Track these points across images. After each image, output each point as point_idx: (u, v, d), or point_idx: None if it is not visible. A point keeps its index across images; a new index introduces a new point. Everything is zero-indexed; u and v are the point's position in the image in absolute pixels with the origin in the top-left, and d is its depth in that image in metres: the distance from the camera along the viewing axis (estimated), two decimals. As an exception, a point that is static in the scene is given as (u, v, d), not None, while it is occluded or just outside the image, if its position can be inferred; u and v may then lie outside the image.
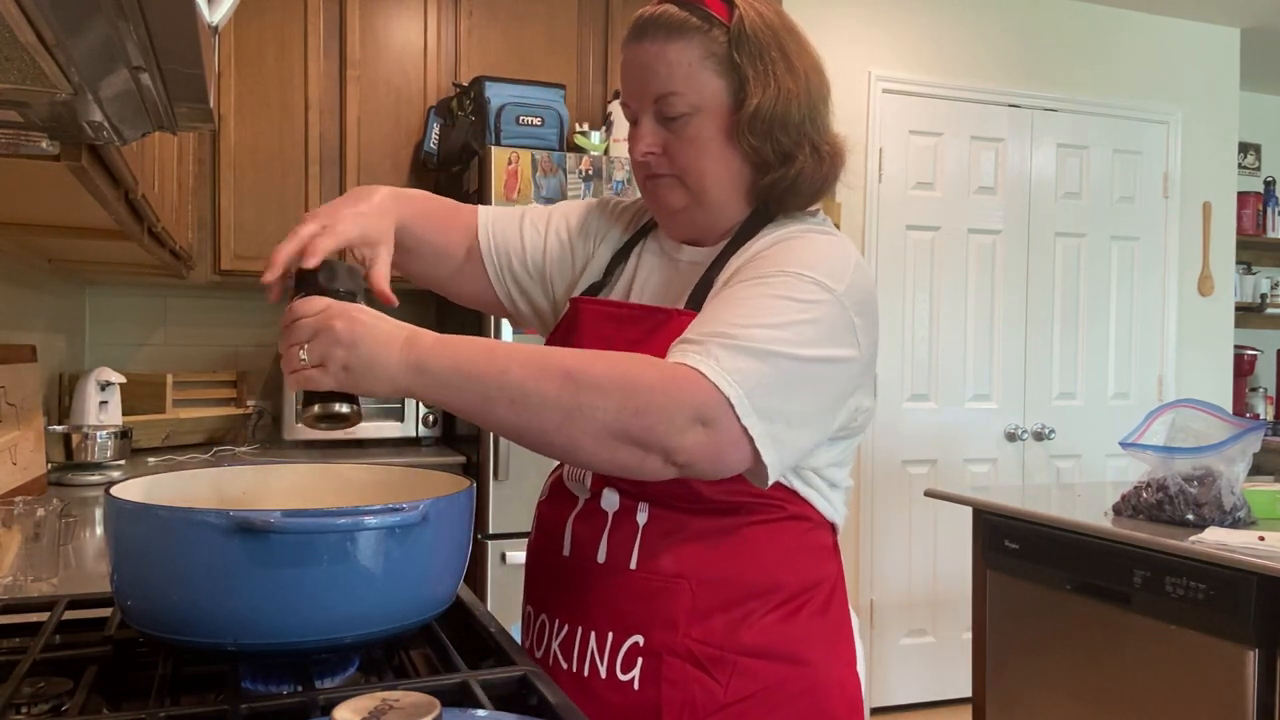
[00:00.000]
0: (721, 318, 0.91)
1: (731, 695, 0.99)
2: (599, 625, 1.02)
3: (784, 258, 0.97)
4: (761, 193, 1.04)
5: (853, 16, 3.50)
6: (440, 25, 3.25)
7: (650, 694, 0.99)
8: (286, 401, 3.09)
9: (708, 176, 1.03)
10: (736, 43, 1.00)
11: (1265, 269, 4.91)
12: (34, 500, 1.38)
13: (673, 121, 1.01)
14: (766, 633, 1.01)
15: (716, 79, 1.00)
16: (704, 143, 1.01)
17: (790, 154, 1.01)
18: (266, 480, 1.06)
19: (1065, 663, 2.15)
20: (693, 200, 1.04)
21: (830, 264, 0.97)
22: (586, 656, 1.02)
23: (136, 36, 0.71)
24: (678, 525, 1.01)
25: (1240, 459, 1.95)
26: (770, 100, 0.99)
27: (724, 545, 1.01)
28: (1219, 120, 4.04)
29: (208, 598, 0.78)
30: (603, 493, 1.04)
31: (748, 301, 0.92)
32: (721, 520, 1.01)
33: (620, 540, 1.02)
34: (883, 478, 3.56)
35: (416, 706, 0.60)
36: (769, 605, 1.01)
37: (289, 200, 3.12)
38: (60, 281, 2.79)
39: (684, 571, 1.00)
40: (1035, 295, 3.78)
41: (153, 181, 1.70)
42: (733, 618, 1.00)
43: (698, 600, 0.99)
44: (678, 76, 1.00)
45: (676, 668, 0.98)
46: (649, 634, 0.99)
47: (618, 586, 1.01)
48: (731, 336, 0.89)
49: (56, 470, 2.35)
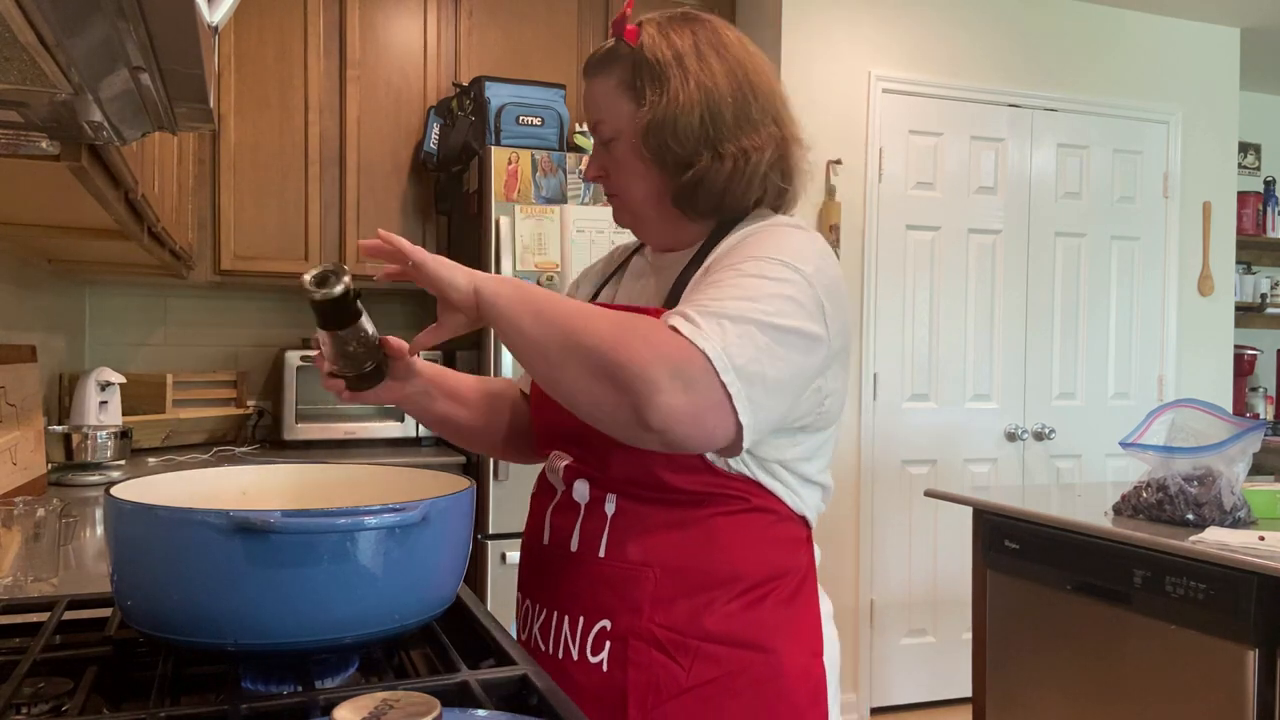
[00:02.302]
0: (697, 298, 0.96)
1: (694, 679, 1.03)
2: (572, 610, 1.08)
3: (754, 247, 1.02)
4: (681, 201, 1.10)
5: (853, 16, 3.50)
6: (440, 25, 3.25)
7: (617, 676, 1.04)
8: (286, 402, 3.09)
9: (632, 192, 1.12)
10: (637, 69, 1.08)
11: (1265, 269, 4.91)
12: (34, 500, 1.38)
13: (606, 146, 1.12)
14: (729, 620, 1.04)
15: (628, 103, 1.09)
16: (625, 162, 1.11)
17: (687, 161, 1.07)
18: (266, 480, 1.06)
19: (1065, 663, 2.15)
20: (632, 216, 1.15)
21: (798, 250, 1.02)
22: (561, 640, 1.08)
23: (136, 36, 0.71)
24: (644, 516, 1.06)
25: (1240, 459, 1.95)
26: (660, 113, 1.06)
27: (688, 535, 1.05)
28: (1219, 120, 4.04)
29: (208, 598, 0.78)
30: (574, 485, 1.10)
31: (722, 285, 0.97)
32: (686, 511, 1.05)
33: (591, 530, 1.08)
34: (883, 478, 3.56)
35: (416, 706, 0.60)
36: (731, 593, 1.05)
37: (289, 200, 3.12)
38: (60, 281, 2.80)
39: (649, 559, 1.04)
40: (1035, 295, 3.78)
41: (153, 181, 1.70)
42: (696, 604, 1.04)
43: (661, 587, 1.04)
44: (602, 105, 1.11)
45: (641, 651, 1.03)
46: (616, 618, 1.05)
47: (588, 573, 1.07)
48: (708, 307, 0.93)
49: (57, 470, 2.35)
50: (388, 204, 3.23)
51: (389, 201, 3.23)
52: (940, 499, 2.50)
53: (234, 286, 3.32)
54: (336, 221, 3.18)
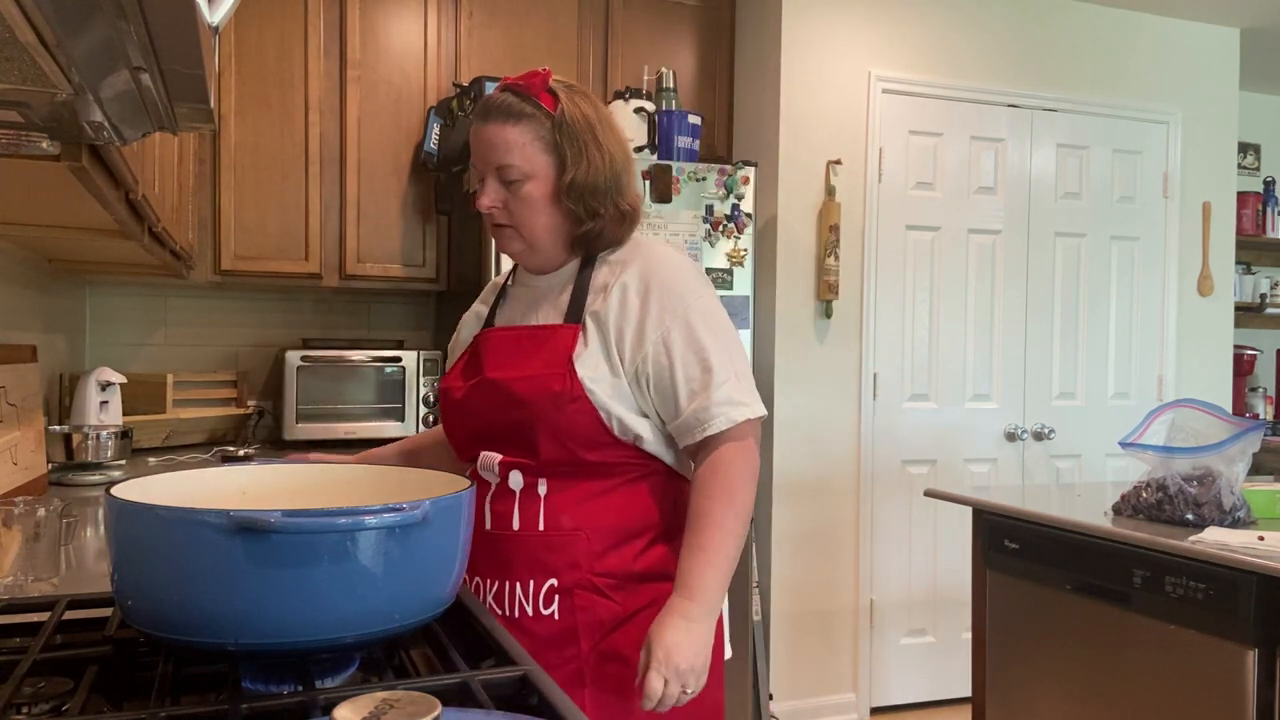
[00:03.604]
0: (703, 379, 1.31)
1: (628, 609, 1.32)
2: (522, 577, 1.32)
3: (669, 292, 1.33)
4: (577, 240, 1.38)
5: (853, 16, 3.50)
6: (440, 25, 3.25)
7: (568, 620, 1.31)
8: (286, 402, 3.10)
9: (538, 228, 1.36)
10: (559, 129, 1.33)
11: (1265, 269, 4.91)
12: (34, 500, 1.38)
13: (510, 184, 1.34)
14: (646, 560, 1.35)
15: (543, 155, 1.33)
16: (534, 202, 1.34)
17: (597, 212, 1.35)
18: (266, 480, 1.06)
19: (1065, 663, 2.15)
20: (526, 246, 1.38)
21: (690, 270, 1.38)
22: (515, 602, 1.32)
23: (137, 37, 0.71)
24: (570, 490, 1.33)
25: (1240, 459, 1.95)
26: (583, 174, 1.33)
27: (607, 500, 1.33)
28: (1219, 120, 4.04)
29: (208, 597, 0.78)
30: (510, 475, 1.34)
31: (703, 352, 1.32)
32: (603, 482, 1.34)
33: (529, 510, 1.33)
34: (883, 478, 3.56)
35: (416, 706, 0.60)
36: (645, 540, 1.35)
37: (289, 200, 3.12)
38: (61, 281, 2.80)
39: (580, 525, 1.32)
40: (1035, 295, 3.78)
41: (153, 181, 1.70)
42: (621, 553, 1.33)
43: (593, 545, 1.32)
44: (514, 151, 1.32)
45: (584, 598, 1.31)
46: (560, 576, 1.31)
47: (532, 545, 1.32)
48: (722, 389, 1.31)
49: (57, 470, 2.35)
50: (388, 204, 3.23)
51: (389, 201, 3.23)
52: (940, 499, 2.50)
53: (234, 286, 3.32)
54: (336, 221, 3.18)
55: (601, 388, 1.30)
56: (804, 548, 3.41)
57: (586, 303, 1.35)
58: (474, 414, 1.37)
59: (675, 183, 3.05)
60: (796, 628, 3.43)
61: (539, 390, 1.29)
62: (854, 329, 3.50)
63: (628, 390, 1.32)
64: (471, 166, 1.39)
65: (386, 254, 3.24)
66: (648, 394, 1.33)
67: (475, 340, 1.45)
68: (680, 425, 1.32)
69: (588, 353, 1.31)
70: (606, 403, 1.30)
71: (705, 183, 3.09)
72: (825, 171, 3.43)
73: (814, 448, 3.45)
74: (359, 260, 3.20)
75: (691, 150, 3.17)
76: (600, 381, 1.30)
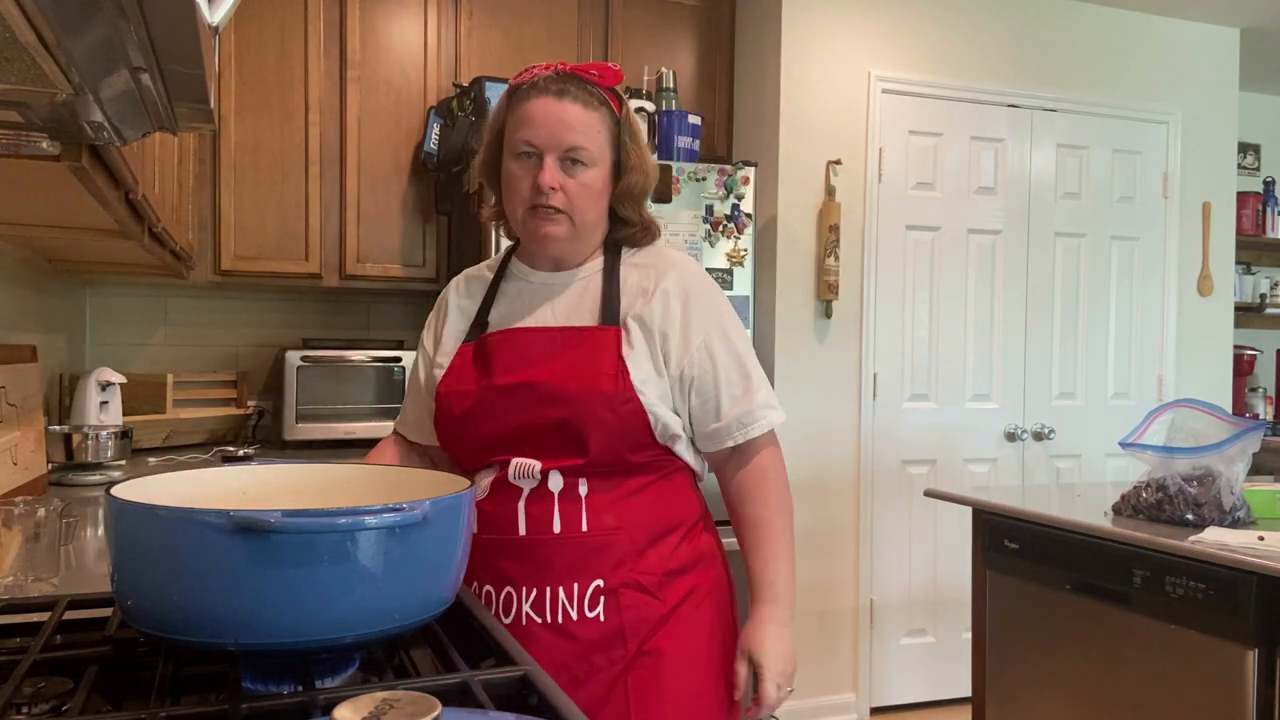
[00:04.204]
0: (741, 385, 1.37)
1: (669, 605, 1.33)
2: (565, 580, 1.30)
3: (706, 300, 1.37)
4: (615, 239, 1.41)
5: (852, 16, 3.50)
6: (440, 25, 3.25)
7: (614, 621, 1.30)
8: (286, 402, 3.10)
9: (590, 218, 1.35)
10: (623, 127, 1.36)
11: (1265, 269, 4.91)
12: (34, 500, 1.38)
13: (573, 167, 1.31)
14: (683, 554, 1.36)
15: (608, 148, 1.34)
16: (594, 191, 1.33)
17: (642, 217, 1.40)
18: (266, 480, 1.06)
19: (1065, 663, 2.15)
20: (572, 232, 1.34)
21: (709, 280, 1.42)
22: (559, 608, 1.30)
23: (137, 37, 0.71)
24: (611, 489, 1.32)
25: (1240, 459, 1.95)
26: (640, 177, 1.37)
27: (645, 497, 1.34)
28: (1218, 120, 4.04)
29: (208, 597, 0.78)
30: (549, 476, 1.31)
31: (736, 357, 1.37)
32: (639, 479, 1.34)
33: (570, 511, 1.31)
34: (883, 478, 3.56)
35: (416, 706, 0.60)
36: (678, 536, 1.36)
37: (289, 200, 3.12)
38: (61, 281, 2.80)
39: (622, 523, 1.32)
40: (1035, 295, 3.78)
41: (153, 181, 1.70)
42: (659, 550, 1.34)
43: (635, 542, 1.32)
44: (590, 136, 1.31)
45: (630, 596, 1.31)
46: (606, 576, 1.30)
47: (574, 546, 1.30)
48: (757, 396, 1.37)
49: (57, 470, 2.35)
50: (388, 204, 3.23)
51: (389, 202, 3.23)
52: (940, 499, 2.50)
53: (234, 287, 3.32)
54: (336, 222, 3.18)
55: (650, 389, 1.31)
56: (804, 547, 3.41)
57: (623, 306, 1.35)
58: (500, 417, 1.32)
59: (675, 183, 3.05)
60: (796, 627, 3.41)
61: (591, 391, 1.28)
62: (854, 329, 3.50)
63: (669, 393, 1.34)
64: (513, 140, 1.33)
65: (386, 254, 3.24)
66: (688, 397, 1.35)
67: (484, 342, 1.38)
68: (719, 429, 1.35)
69: (634, 355, 1.31)
70: (654, 404, 1.31)
71: (705, 183, 3.09)
72: (825, 171, 3.43)
73: (814, 448, 3.45)
74: (359, 260, 3.20)
75: (691, 150, 3.17)
76: (648, 383, 1.31)
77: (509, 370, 1.33)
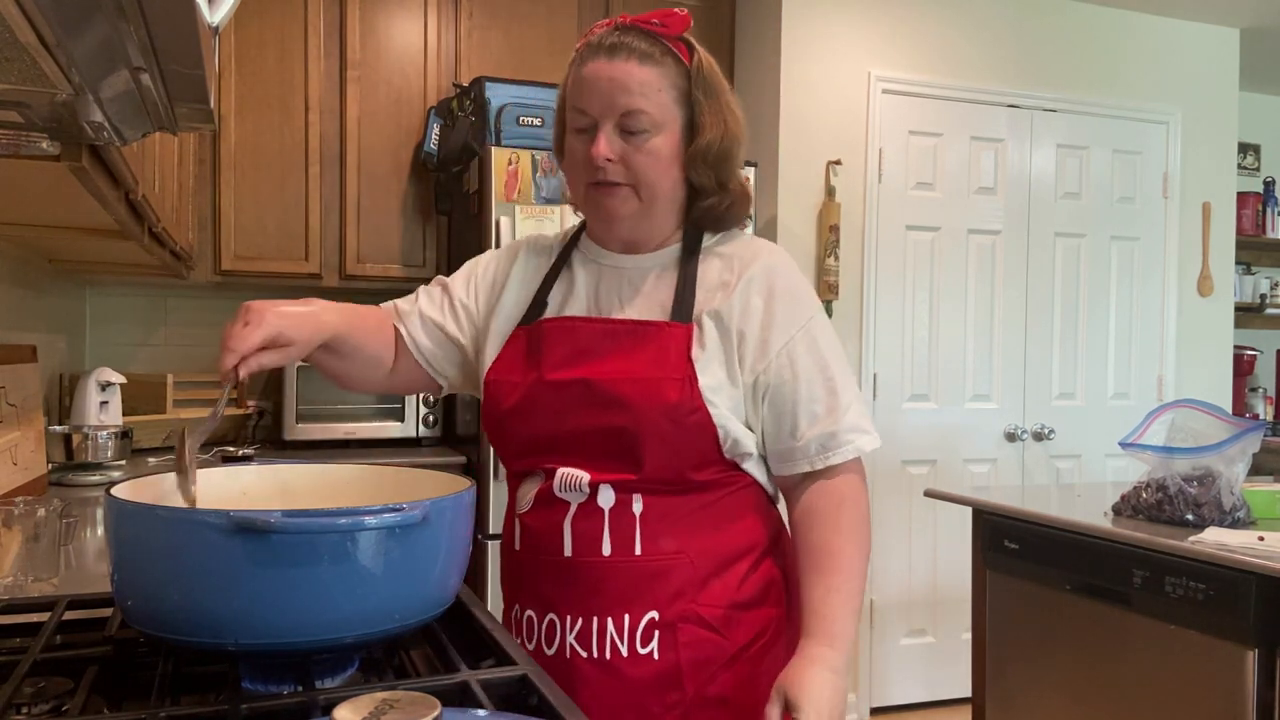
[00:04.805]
0: (828, 405, 1.16)
1: (735, 645, 1.15)
2: (615, 611, 1.13)
3: (793, 297, 1.20)
4: (697, 214, 1.20)
5: (853, 16, 3.50)
6: (440, 25, 3.25)
7: (670, 660, 1.12)
8: (287, 402, 3.10)
9: (658, 189, 1.16)
10: (696, 81, 1.16)
11: (1265, 269, 4.91)
12: (34, 500, 1.38)
13: (633, 135, 1.14)
14: (753, 585, 1.17)
15: (676, 106, 1.16)
16: (660, 158, 1.15)
17: (726, 185, 1.20)
18: (266, 480, 1.06)
19: (1065, 663, 2.15)
20: (640, 209, 1.17)
21: (802, 277, 1.24)
22: (606, 641, 1.13)
23: (137, 37, 0.71)
24: (670, 508, 1.14)
25: (1240, 459, 1.95)
26: (719, 137, 1.17)
27: (708, 518, 1.15)
28: (1218, 120, 4.04)
29: (208, 598, 0.78)
30: (599, 490, 1.13)
31: (822, 369, 1.17)
32: (703, 496, 1.15)
33: (622, 531, 1.13)
34: (883, 478, 3.56)
35: (416, 706, 0.60)
36: (748, 563, 1.17)
37: (289, 200, 3.12)
38: (61, 282, 2.80)
39: (683, 547, 1.14)
40: (1035, 295, 3.78)
41: (153, 182, 1.70)
42: (725, 579, 1.15)
43: (697, 569, 1.14)
44: (649, 96, 1.13)
45: (690, 632, 1.13)
46: (662, 608, 1.12)
47: (627, 572, 1.12)
48: (845, 418, 1.16)
49: (57, 470, 2.34)
50: (388, 204, 3.23)
51: (389, 202, 3.23)
52: (940, 499, 2.50)
53: (234, 287, 3.32)
54: (336, 222, 3.18)
55: (721, 399, 1.13)
56: (804, 548, 3.41)
57: (698, 299, 1.17)
58: (548, 417, 1.15)
59: (675, 183, 3.04)
60: (796, 628, 3.42)
61: (651, 398, 1.10)
62: (854, 329, 3.50)
63: (742, 403, 1.16)
64: (571, 111, 1.18)
65: (386, 254, 3.24)
66: (760, 408, 1.17)
67: (539, 328, 1.21)
68: (794, 450, 1.16)
69: (706, 357, 1.14)
70: (725, 417, 1.13)
71: (705, 183, 3.08)
72: (825, 172, 3.43)
73: (814, 448, 3.44)
74: (359, 260, 3.20)
75: (691, 150, 3.17)
76: (720, 392, 1.13)
77: (562, 364, 1.15)
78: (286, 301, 1.08)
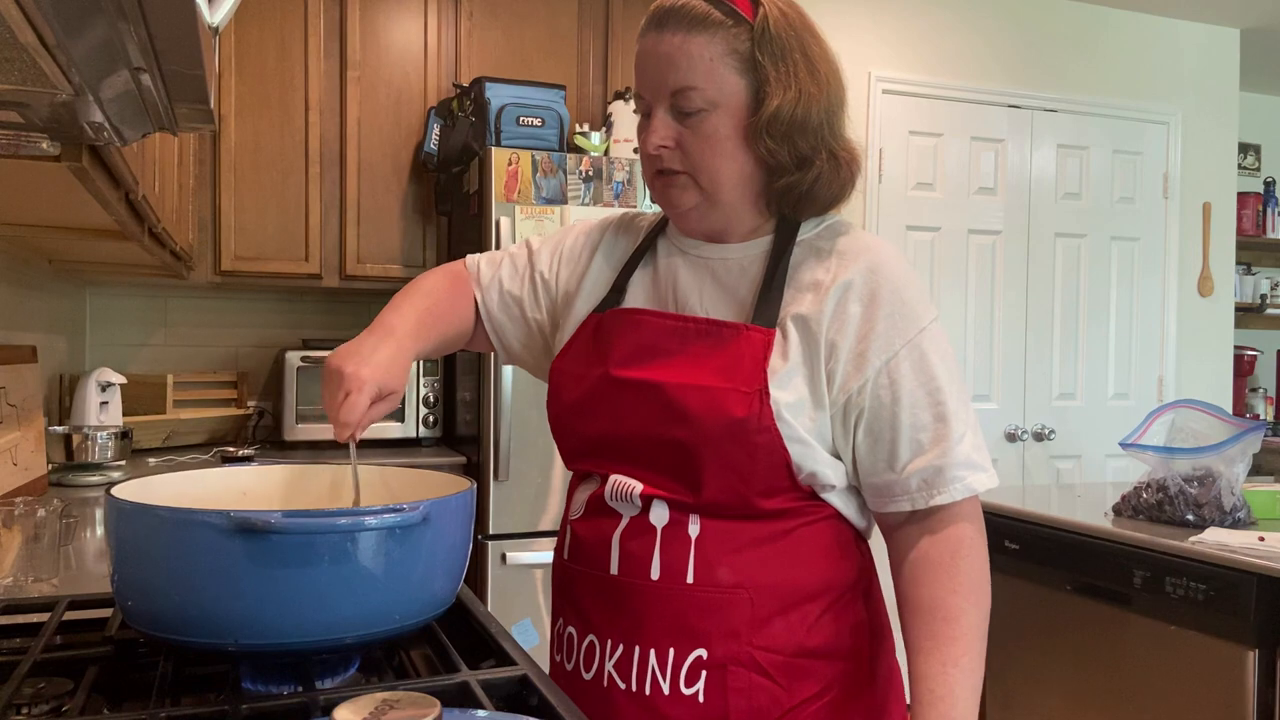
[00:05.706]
0: (927, 427, 0.99)
1: (796, 698, 1.00)
2: (659, 643, 1.00)
3: (902, 305, 1.00)
4: (776, 197, 1.03)
5: (853, 16, 3.50)
6: (440, 26, 3.25)
7: (716, 705, 0.99)
8: (287, 402, 3.09)
9: (721, 175, 1.01)
10: (760, 41, 0.98)
11: (1265, 269, 4.91)
12: (34, 501, 1.38)
13: (688, 117, 0.99)
14: (823, 632, 1.02)
15: (737, 77, 0.99)
16: (719, 141, 0.99)
17: (808, 159, 1.01)
18: (266, 480, 1.06)
19: (1066, 663, 2.15)
20: (704, 199, 1.02)
21: (921, 282, 1.04)
22: (647, 675, 1.00)
23: (137, 37, 0.71)
24: (731, 535, 1.00)
25: (1240, 459, 1.95)
26: (791, 103, 0.98)
27: (776, 550, 1.00)
28: (1219, 120, 4.04)
29: (208, 598, 0.78)
30: (652, 507, 1.01)
31: (931, 391, 0.99)
32: (772, 525, 1.00)
33: (674, 554, 1.00)
34: (883, 478, 3.56)
35: (416, 706, 0.60)
36: (822, 605, 1.02)
37: (289, 200, 3.12)
38: (61, 282, 2.80)
39: (741, 581, 0.99)
40: (1035, 295, 3.78)
41: (153, 182, 1.70)
42: (790, 622, 1.00)
43: (757, 608, 0.99)
44: (699, 70, 0.98)
45: (742, 677, 0.98)
46: (712, 646, 0.99)
47: (676, 602, 1.00)
48: (954, 454, 0.99)
49: (57, 471, 2.35)
50: (388, 204, 3.23)
51: (389, 202, 3.23)
52: (940, 499, 2.50)
53: (234, 287, 3.32)
54: (337, 222, 3.18)
55: (800, 420, 0.98)
56: (804, 548, 3.41)
57: (784, 300, 1.01)
58: (607, 417, 1.04)
59: (675, 183, 3.04)
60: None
61: (714, 410, 0.96)
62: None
63: (828, 426, 1.00)
64: (634, 96, 1.06)
65: (386, 254, 3.24)
66: (852, 435, 1.01)
67: (608, 318, 1.09)
68: (895, 484, 1.00)
69: (786, 370, 0.98)
70: (801, 440, 0.98)
71: (705, 183, 3.08)
72: (825, 172, 3.43)
73: (814, 448, 3.44)
74: (359, 261, 3.20)
75: (691, 150, 3.16)
76: (798, 411, 0.98)
77: (628, 361, 1.03)
78: (367, 345, 0.99)
